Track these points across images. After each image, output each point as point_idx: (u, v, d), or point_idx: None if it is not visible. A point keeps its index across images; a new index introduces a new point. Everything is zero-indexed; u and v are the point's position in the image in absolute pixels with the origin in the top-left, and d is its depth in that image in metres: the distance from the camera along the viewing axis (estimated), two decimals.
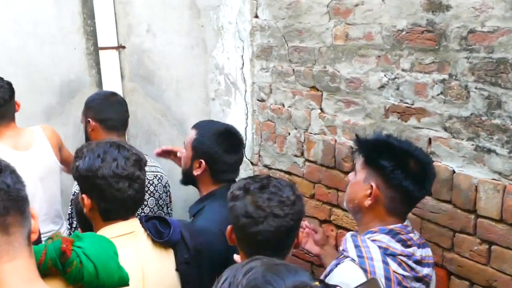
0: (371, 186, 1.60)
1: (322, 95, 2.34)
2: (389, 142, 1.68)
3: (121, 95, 3.30)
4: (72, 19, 3.54)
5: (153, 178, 2.35)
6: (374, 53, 2.09)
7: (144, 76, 3.18)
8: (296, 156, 2.53)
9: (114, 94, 2.52)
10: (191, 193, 2.50)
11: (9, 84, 2.73)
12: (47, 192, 2.64)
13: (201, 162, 2.02)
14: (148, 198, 2.32)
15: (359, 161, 1.69)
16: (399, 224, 1.62)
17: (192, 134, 2.09)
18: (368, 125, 2.16)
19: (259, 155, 2.72)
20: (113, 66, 3.26)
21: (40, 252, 1.20)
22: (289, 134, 2.53)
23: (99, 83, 3.45)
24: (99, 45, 3.25)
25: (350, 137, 2.24)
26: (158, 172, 2.39)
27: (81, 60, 3.57)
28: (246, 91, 2.67)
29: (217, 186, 2.05)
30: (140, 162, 1.62)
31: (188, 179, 2.13)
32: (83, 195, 1.59)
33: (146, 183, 1.91)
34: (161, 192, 2.37)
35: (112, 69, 3.26)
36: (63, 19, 3.62)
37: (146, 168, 1.67)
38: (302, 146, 2.49)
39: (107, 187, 1.55)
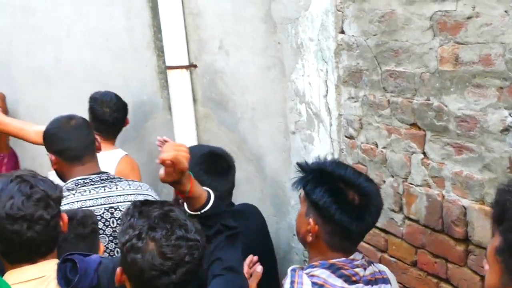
0: (310, 221, 1.66)
1: (425, 135, 2.01)
2: (327, 171, 1.70)
3: (191, 121, 3.22)
4: (142, 33, 3.52)
5: None
6: (494, 83, 1.73)
7: (217, 100, 3.05)
8: (393, 211, 2.22)
9: (70, 118, 2.43)
10: None
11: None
12: None
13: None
14: None
15: (301, 191, 1.74)
16: (343, 258, 1.67)
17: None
18: (487, 180, 1.81)
19: None
20: (185, 87, 3.17)
21: None
22: (384, 182, 2.23)
23: (170, 106, 3.40)
24: (168, 63, 3.18)
25: (462, 193, 1.90)
26: None
27: (153, 80, 3.55)
28: (331, 124, 2.41)
29: None
30: (46, 200, 1.61)
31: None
32: None
33: None
34: None
35: (183, 91, 3.18)
36: (134, 32, 3.62)
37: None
38: (401, 199, 2.17)
39: (1, 229, 1.56)
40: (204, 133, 3.21)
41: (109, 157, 2.90)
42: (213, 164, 2.14)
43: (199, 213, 1.68)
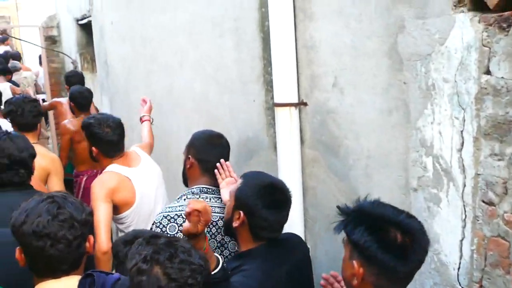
0: (354, 264, 1.58)
1: None
2: (366, 211, 1.64)
3: (297, 164, 2.81)
4: (251, 65, 3.18)
5: None
6: None
7: (328, 144, 2.61)
8: None
9: (220, 136, 2.66)
10: None
11: (120, 123, 3.33)
12: (165, 198, 3.32)
13: (240, 213, 2.08)
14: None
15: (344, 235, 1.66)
16: None
17: (238, 183, 2.18)
18: None
19: (481, 286, 1.90)
20: (293, 127, 2.77)
21: None
22: None
23: (275, 145, 3.01)
24: (277, 99, 2.81)
25: None
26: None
27: (259, 116, 3.19)
28: (465, 185, 1.89)
29: (256, 244, 2.10)
30: (71, 221, 1.71)
31: (228, 230, 2.22)
32: (17, 249, 1.74)
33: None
34: None
35: (291, 130, 2.77)
36: (243, 64, 3.29)
37: None
38: None
39: (28, 245, 1.69)
40: (310, 179, 2.78)
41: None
42: (271, 196, 2.10)
43: None
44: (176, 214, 2.35)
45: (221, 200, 2.43)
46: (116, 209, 3.06)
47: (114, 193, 3.01)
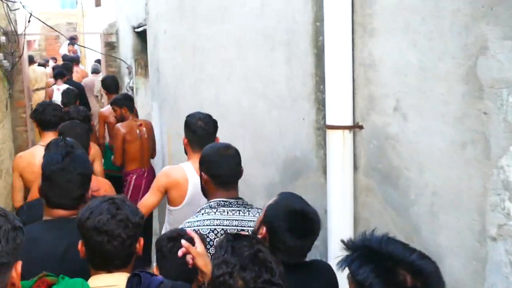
0: None
1: None
2: (374, 248, 1.41)
3: (349, 191, 2.40)
4: (303, 82, 2.78)
5: None
6: None
7: (385, 173, 2.19)
8: None
9: (227, 147, 2.53)
10: None
11: (215, 122, 3.15)
12: None
13: (263, 228, 1.98)
14: None
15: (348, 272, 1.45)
16: None
17: (273, 198, 2.08)
18: None
19: None
20: (345, 150, 2.37)
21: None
22: None
23: (325, 168, 2.61)
24: (329, 119, 2.41)
25: None
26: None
27: (309, 135, 2.79)
28: None
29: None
30: (126, 222, 1.80)
31: None
32: (80, 241, 1.85)
33: None
34: None
35: (343, 154, 2.37)
36: (294, 80, 2.90)
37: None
38: None
39: (88, 238, 1.80)
40: (363, 209, 2.37)
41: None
42: (298, 223, 1.94)
43: None
44: (194, 230, 2.24)
45: (239, 213, 2.39)
46: (169, 200, 3.07)
47: (170, 187, 3.05)
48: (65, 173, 2.15)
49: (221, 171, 2.41)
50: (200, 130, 3.06)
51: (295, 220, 1.94)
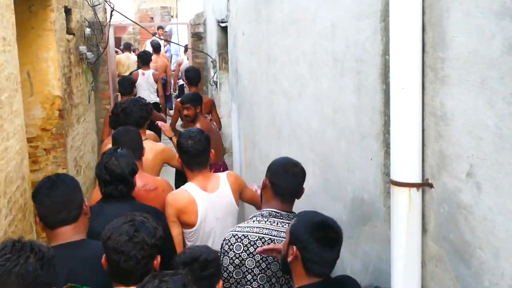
0: None
1: None
2: None
3: (416, 260, 2.14)
4: (371, 118, 2.54)
5: None
6: None
7: (456, 246, 1.91)
8: None
9: (295, 165, 2.71)
10: None
11: (207, 138, 3.31)
12: (224, 231, 2.97)
13: (293, 248, 2.11)
14: None
15: None
16: None
17: (293, 220, 2.25)
18: None
19: None
20: (412, 213, 2.11)
21: None
22: None
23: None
24: (394, 173, 2.16)
25: None
26: None
27: (376, 179, 2.55)
28: None
29: (310, 280, 2.10)
30: (142, 244, 2.08)
31: (284, 266, 2.25)
32: (104, 255, 2.14)
33: None
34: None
35: (409, 216, 2.12)
36: (362, 113, 2.65)
37: None
38: None
39: (108, 256, 2.11)
40: (432, 279, 2.10)
41: (219, 178, 3.38)
42: (322, 232, 2.12)
43: None
44: (243, 235, 2.54)
45: (288, 225, 2.42)
46: (183, 225, 3.19)
47: (180, 214, 3.14)
48: (51, 191, 2.45)
49: (282, 182, 2.61)
50: (192, 149, 3.20)
51: (320, 231, 2.12)
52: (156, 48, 11.88)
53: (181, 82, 12.06)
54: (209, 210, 3.18)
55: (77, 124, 6.95)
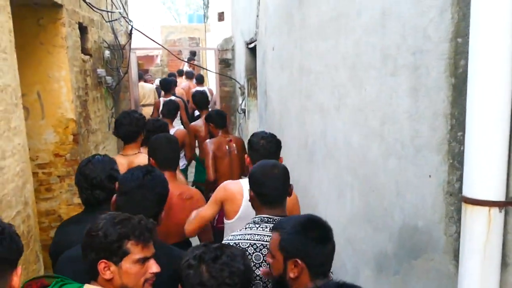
0: None
1: None
2: None
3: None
4: (432, 124, 2.09)
5: None
6: None
7: None
8: None
9: (274, 166, 2.63)
10: None
11: (278, 142, 3.29)
12: None
13: (296, 261, 2.03)
14: None
15: None
16: None
17: (274, 237, 2.13)
18: None
19: None
20: (491, 237, 1.65)
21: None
22: None
23: (457, 252, 1.90)
24: (468, 187, 1.71)
25: None
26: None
27: (436, 201, 2.09)
28: None
29: (313, 281, 2.04)
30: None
31: (281, 284, 2.14)
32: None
33: None
34: None
35: (487, 242, 1.66)
36: (420, 121, 2.22)
37: None
38: None
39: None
40: None
41: None
42: (317, 231, 2.07)
43: None
44: (234, 243, 2.51)
45: None
46: (225, 214, 3.23)
47: (225, 200, 3.20)
48: (144, 190, 2.42)
49: (266, 190, 2.56)
50: (262, 149, 3.24)
51: (311, 231, 2.06)
52: (180, 72, 11.90)
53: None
54: (250, 210, 3.09)
55: (95, 152, 6.62)
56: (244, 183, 3.18)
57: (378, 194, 2.61)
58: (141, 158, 4.09)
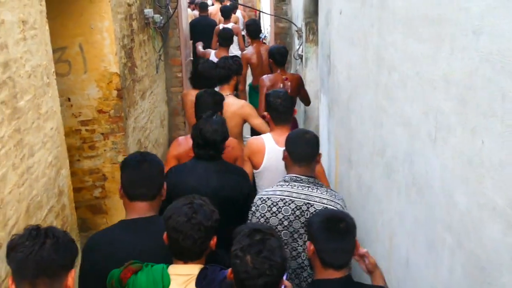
0: None
1: None
2: None
3: None
4: None
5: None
6: None
7: None
8: None
9: (306, 132, 3.09)
10: None
11: (292, 99, 4.07)
12: None
13: (311, 244, 2.31)
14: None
15: None
16: None
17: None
18: None
19: None
20: None
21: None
22: None
23: None
24: None
25: None
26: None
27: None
28: None
29: (327, 272, 2.24)
30: (199, 226, 2.23)
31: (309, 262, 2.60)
32: (165, 233, 2.30)
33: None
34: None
35: None
36: None
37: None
38: None
39: (169, 234, 2.27)
40: None
41: None
42: (332, 224, 2.28)
43: None
44: (267, 197, 2.89)
45: (308, 189, 2.87)
46: (253, 165, 3.80)
47: (251, 155, 3.79)
48: (139, 165, 2.63)
49: (295, 149, 2.94)
50: (280, 107, 3.73)
51: (328, 222, 2.30)
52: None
53: None
54: (273, 160, 3.64)
55: (142, 101, 6.12)
56: (266, 138, 3.80)
57: (488, 276, 1.91)
58: (230, 99, 4.62)
